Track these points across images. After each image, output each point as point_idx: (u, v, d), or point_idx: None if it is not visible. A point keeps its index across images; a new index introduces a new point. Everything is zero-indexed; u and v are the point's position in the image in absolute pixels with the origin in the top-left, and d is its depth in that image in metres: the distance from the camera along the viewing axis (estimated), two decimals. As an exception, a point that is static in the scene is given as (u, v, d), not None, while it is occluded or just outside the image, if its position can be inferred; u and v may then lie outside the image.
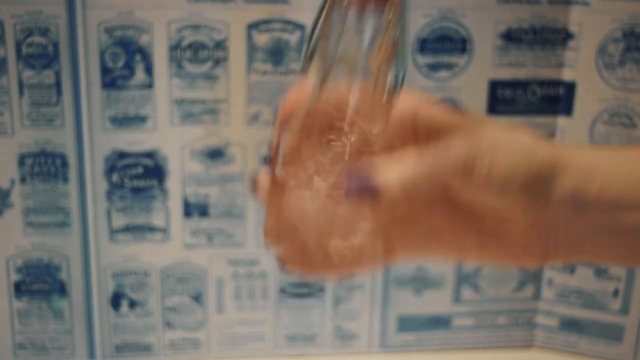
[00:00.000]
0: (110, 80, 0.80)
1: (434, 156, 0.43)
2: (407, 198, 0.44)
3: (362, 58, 0.43)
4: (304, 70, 0.45)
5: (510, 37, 0.83)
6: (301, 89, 0.46)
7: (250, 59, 0.81)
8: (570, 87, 0.85)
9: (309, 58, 0.45)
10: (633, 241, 0.44)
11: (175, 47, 0.80)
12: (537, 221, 0.44)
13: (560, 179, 0.43)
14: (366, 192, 0.43)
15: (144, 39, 0.79)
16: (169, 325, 0.89)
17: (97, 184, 0.83)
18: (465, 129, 0.44)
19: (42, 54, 0.78)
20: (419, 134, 0.46)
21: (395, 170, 0.43)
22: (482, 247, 0.47)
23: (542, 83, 0.85)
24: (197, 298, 0.88)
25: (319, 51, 0.44)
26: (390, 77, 0.44)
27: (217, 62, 0.81)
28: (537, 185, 0.43)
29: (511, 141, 0.43)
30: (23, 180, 0.82)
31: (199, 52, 0.80)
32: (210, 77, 0.81)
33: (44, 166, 0.81)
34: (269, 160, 0.47)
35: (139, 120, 0.81)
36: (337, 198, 0.44)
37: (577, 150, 0.44)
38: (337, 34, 0.43)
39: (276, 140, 0.47)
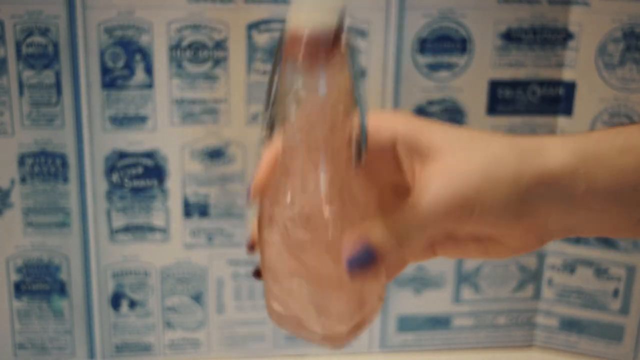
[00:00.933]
0: (110, 80, 0.80)
1: (424, 207, 0.43)
2: (404, 253, 0.44)
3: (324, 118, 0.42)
4: (267, 138, 0.44)
5: (510, 37, 0.83)
6: (268, 160, 0.46)
7: (250, 59, 0.81)
8: (570, 87, 0.85)
9: (270, 126, 0.44)
10: (619, 224, 0.45)
11: (175, 47, 0.80)
12: (531, 229, 0.45)
13: (546, 193, 0.44)
14: (366, 262, 0.43)
15: (144, 39, 0.79)
16: (169, 325, 0.89)
17: (97, 184, 0.83)
18: (447, 163, 0.44)
19: (42, 54, 0.78)
20: (400, 160, 0.46)
21: (388, 231, 0.43)
22: (485, 253, 0.48)
23: (542, 83, 0.85)
24: (197, 298, 0.88)
25: (279, 117, 0.43)
26: (355, 131, 0.43)
27: (217, 62, 0.81)
28: (525, 208, 0.44)
29: (495, 176, 0.43)
30: (23, 180, 0.82)
31: (199, 52, 0.80)
32: (210, 77, 0.81)
33: (44, 166, 0.81)
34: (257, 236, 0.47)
35: (139, 120, 0.81)
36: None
37: (559, 152, 0.44)
38: (291, 96, 0.42)
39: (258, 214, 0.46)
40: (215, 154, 0.83)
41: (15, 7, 0.76)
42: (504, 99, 0.85)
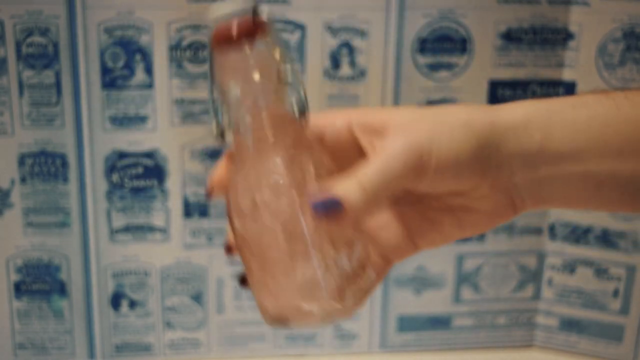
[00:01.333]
0: (110, 80, 0.80)
1: (381, 164, 0.44)
2: (371, 205, 0.44)
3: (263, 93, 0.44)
4: (220, 142, 0.46)
5: (510, 37, 0.83)
6: (224, 159, 0.47)
7: (250, 59, 0.81)
8: (570, 87, 0.85)
9: (221, 133, 0.46)
10: (580, 189, 0.45)
11: (175, 47, 0.80)
12: (496, 183, 0.45)
13: (502, 139, 0.44)
14: (332, 207, 0.43)
15: (144, 39, 0.79)
16: (169, 325, 0.89)
17: (97, 184, 0.83)
18: (400, 124, 0.45)
19: (42, 54, 0.78)
20: (361, 145, 0.47)
21: (352, 181, 0.44)
22: (460, 224, 0.48)
23: (542, 83, 0.85)
24: (197, 298, 0.88)
25: (226, 114, 0.46)
26: (294, 100, 0.45)
27: (217, 62, 0.81)
28: (483, 155, 0.44)
29: (446, 122, 0.44)
30: (23, 180, 0.82)
31: (199, 52, 0.80)
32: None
33: (44, 166, 0.81)
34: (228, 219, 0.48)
35: (139, 120, 0.81)
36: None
37: (513, 107, 0.45)
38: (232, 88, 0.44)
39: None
40: (215, 154, 0.83)
41: (15, 7, 0.76)
42: (504, 99, 0.85)
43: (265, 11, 0.44)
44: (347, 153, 0.47)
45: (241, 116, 0.45)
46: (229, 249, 0.49)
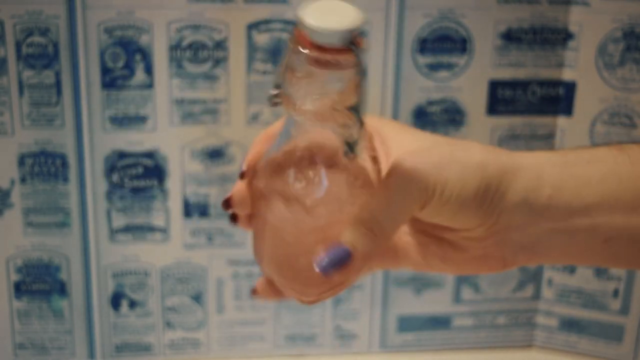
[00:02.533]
0: (110, 80, 0.80)
1: (389, 202, 0.43)
2: (382, 245, 0.44)
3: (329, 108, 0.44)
4: (273, 101, 0.45)
5: (510, 37, 0.83)
6: (266, 137, 0.48)
7: (250, 59, 0.81)
8: (570, 87, 0.85)
9: (275, 99, 0.45)
10: (587, 244, 0.44)
11: (175, 47, 0.80)
12: (493, 229, 0.44)
13: (510, 187, 0.43)
14: (342, 263, 0.43)
15: (144, 39, 0.79)
16: (169, 325, 0.89)
17: (97, 184, 0.83)
18: (411, 151, 0.44)
19: (42, 54, 0.78)
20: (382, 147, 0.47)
21: (360, 229, 0.43)
22: (444, 259, 0.47)
23: (542, 83, 0.85)
24: (197, 298, 0.88)
25: (285, 97, 0.45)
26: (347, 133, 0.45)
27: (217, 62, 0.81)
28: (487, 199, 0.43)
29: (459, 159, 0.43)
30: (23, 180, 0.82)
31: (199, 52, 0.80)
32: (210, 77, 0.81)
33: (44, 166, 0.81)
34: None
35: (139, 120, 0.81)
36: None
37: (527, 156, 0.44)
38: (300, 83, 0.43)
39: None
40: (215, 154, 0.83)
41: (15, 7, 0.76)
42: (504, 99, 0.85)
43: (364, 40, 0.43)
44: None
45: (293, 118, 0.45)
46: (227, 204, 0.49)
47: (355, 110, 0.43)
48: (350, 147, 0.44)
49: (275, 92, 0.45)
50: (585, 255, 0.46)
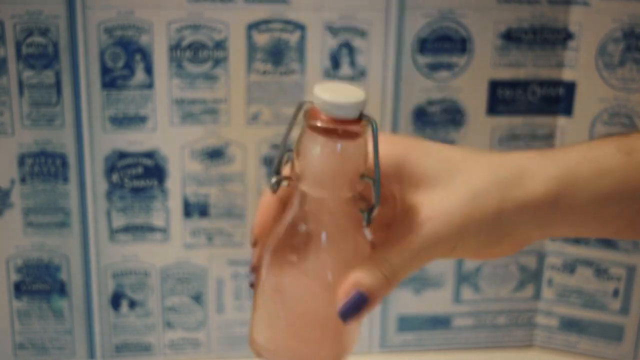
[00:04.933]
0: (110, 80, 0.80)
1: (410, 249, 0.45)
2: (392, 289, 0.46)
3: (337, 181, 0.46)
4: (274, 188, 0.48)
5: (510, 37, 0.83)
6: (269, 207, 0.49)
7: (250, 59, 0.81)
8: (570, 87, 0.85)
9: (278, 176, 0.48)
10: (597, 232, 0.48)
11: (175, 47, 0.80)
12: (509, 246, 0.48)
13: (524, 229, 0.46)
14: (360, 308, 0.45)
15: (144, 39, 0.79)
16: (169, 325, 0.89)
17: (97, 184, 0.83)
18: (429, 196, 0.46)
19: (42, 54, 0.78)
20: (403, 179, 0.48)
21: (377, 272, 0.45)
22: (451, 251, 0.49)
23: (542, 83, 0.85)
24: (197, 298, 0.88)
25: (289, 169, 0.47)
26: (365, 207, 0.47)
27: (217, 62, 0.81)
28: (507, 233, 0.46)
29: (476, 210, 0.45)
30: (23, 180, 0.82)
31: (199, 52, 0.80)
32: (210, 77, 0.81)
33: (44, 166, 0.81)
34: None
35: (139, 120, 0.81)
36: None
37: (540, 186, 0.45)
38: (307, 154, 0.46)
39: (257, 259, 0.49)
40: (215, 154, 0.83)
41: (15, 7, 0.76)
42: (504, 99, 0.85)
43: (370, 118, 0.46)
44: (386, 178, 0.48)
45: (301, 187, 0.47)
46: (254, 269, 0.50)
47: (370, 178, 0.46)
48: (368, 215, 0.46)
49: (276, 178, 0.47)
50: (595, 236, 0.51)
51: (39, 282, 0.85)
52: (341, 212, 0.47)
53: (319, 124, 0.45)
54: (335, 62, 0.82)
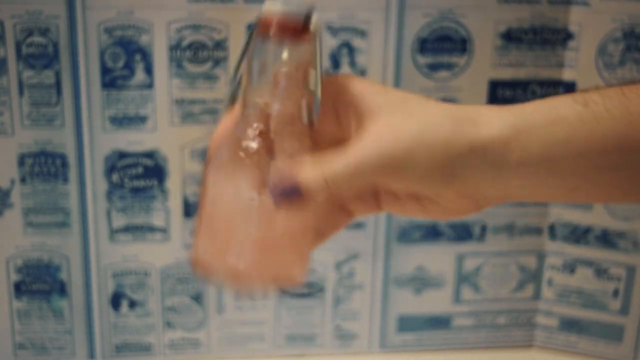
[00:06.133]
0: (110, 80, 0.80)
1: (350, 165, 0.45)
2: (331, 197, 0.46)
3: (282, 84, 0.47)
4: (230, 103, 0.49)
5: (510, 37, 0.83)
6: (227, 123, 0.49)
7: (250, 59, 0.81)
8: (570, 87, 0.85)
9: (233, 96, 0.49)
10: (553, 193, 0.47)
11: (175, 47, 0.80)
12: (463, 193, 0.46)
13: (476, 163, 0.45)
14: (291, 193, 0.45)
15: (144, 39, 0.79)
16: (169, 325, 0.89)
17: (97, 184, 0.83)
18: (381, 119, 0.46)
19: (42, 54, 0.78)
20: (340, 113, 0.48)
21: (317, 173, 0.45)
22: (424, 212, 0.49)
23: (542, 83, 0.85)
24: (197, 298, 0.88)
25: (242, 86, 0.48)
26: (306, 106, 0.48)
27: (217, 62, 0.81)
28: (455, 174, 0.45)
29: (427, 141, 0.45)
30: (23, 180, 0.82)
31: (199, 52, 0.80)
32: (210, 77, 0.81)
33: (44, 166, 0.81)
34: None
35: (139, 120, 0.81)
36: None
37: (495, 124, 0.45)
38: (260, 65, 0.47)
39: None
40: (215, 154, 0.83)
41: (15, 7, 0.76)
42: (504, 99, 0.85)
43: (315, 21, 0.48)
44: (325, 119, 0.48)
45: (253, 99, 0.48)
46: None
47: (312, 84, 0.47)
48: (309, 116, 0.47)
49: (231, 90, 0.49)
50: (553, 198, 0.49)
51: (39, 282, 0.85)
52: (288, 119, 0.47)
53: (264, 24, 0.46)
54: (335, 62, 0.82)
